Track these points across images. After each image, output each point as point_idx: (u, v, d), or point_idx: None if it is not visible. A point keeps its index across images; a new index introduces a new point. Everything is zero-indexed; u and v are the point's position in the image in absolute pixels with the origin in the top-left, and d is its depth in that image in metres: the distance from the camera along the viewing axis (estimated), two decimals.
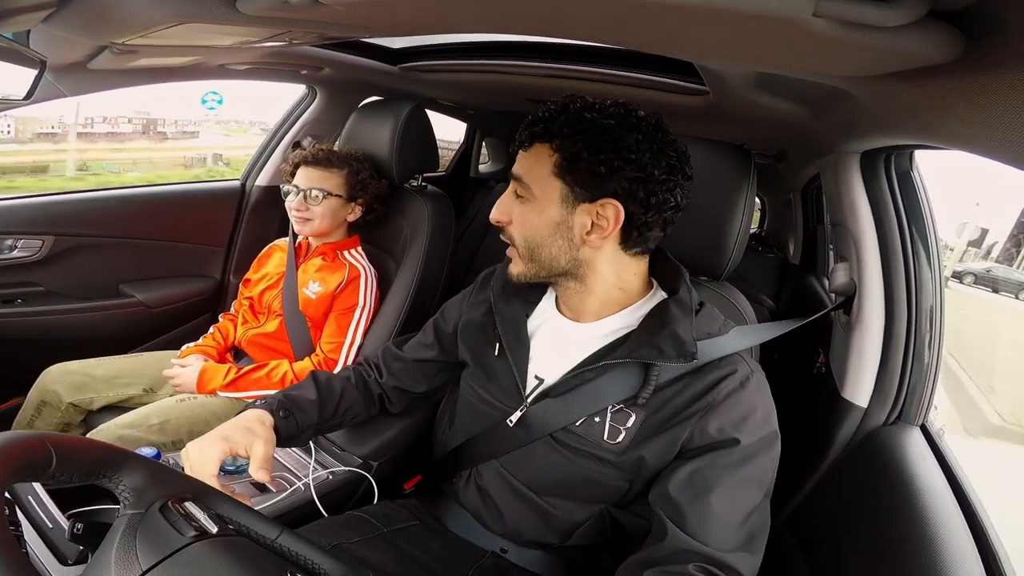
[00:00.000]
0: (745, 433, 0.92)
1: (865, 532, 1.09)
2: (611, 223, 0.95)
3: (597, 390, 0.99)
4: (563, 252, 0.99)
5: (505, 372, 1.10)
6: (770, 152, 2.30)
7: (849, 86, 0.86)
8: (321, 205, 1.73)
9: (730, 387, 0.95)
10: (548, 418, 1.02)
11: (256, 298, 1.85)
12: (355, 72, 2.04)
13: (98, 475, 0.64)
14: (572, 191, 0.95)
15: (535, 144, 0.98)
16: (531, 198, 0.98)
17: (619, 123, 0.93)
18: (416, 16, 1.02)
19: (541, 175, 0.96)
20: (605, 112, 0.94)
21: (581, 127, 0.93)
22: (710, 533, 0.87)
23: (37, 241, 1.90)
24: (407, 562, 1.07)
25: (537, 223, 0.98)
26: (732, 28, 0.68)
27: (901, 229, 1.30)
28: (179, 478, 0.72)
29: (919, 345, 1.26)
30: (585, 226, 0.97)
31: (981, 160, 0.76)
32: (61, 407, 1.61)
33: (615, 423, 0.98)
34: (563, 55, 1.64)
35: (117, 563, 0.55)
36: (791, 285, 2.90)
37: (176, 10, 0.93)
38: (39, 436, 0.58)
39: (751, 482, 0.92)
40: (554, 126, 0.95)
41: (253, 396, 1.63)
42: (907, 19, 0.52)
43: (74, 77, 1.49)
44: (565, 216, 0.97)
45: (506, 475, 1.09)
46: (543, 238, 0.99)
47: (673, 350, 0.94)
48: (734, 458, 0.91)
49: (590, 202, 0.95)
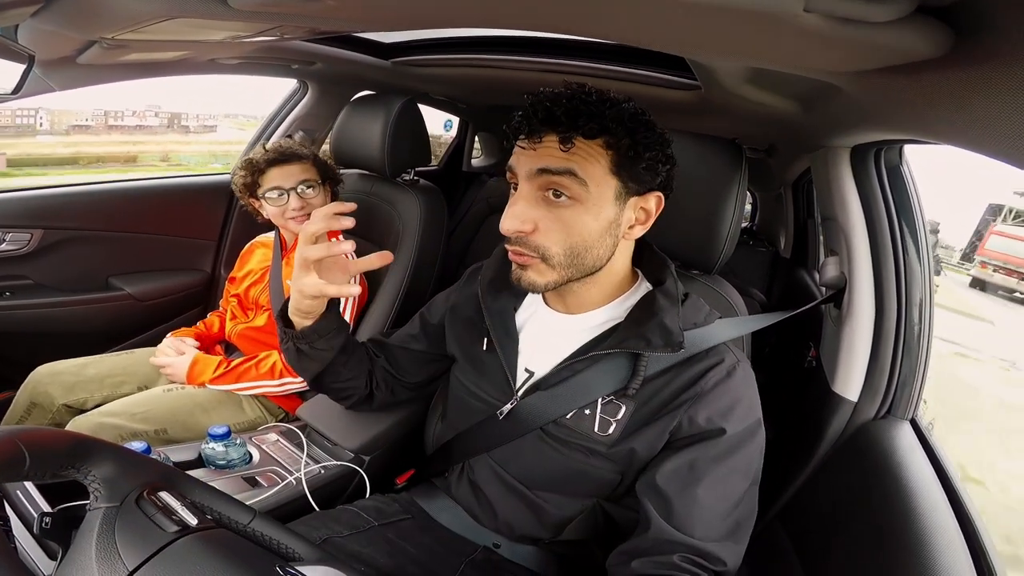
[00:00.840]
0: (731, 423, 0.93)
1: (855, 526, 1.10)
2: (652, 214, 0.96)
3: (587, 382, 0.99)
4: (608, 251, 0.96)
5: (495, 366, 1.09)
6: (761, 147, 2.31)
7: (839, 81, 0.87)
8: (317, 195, 1.72)
9: (717, 377, 0.96)
10: (539, 411, 1.02)
11: (243, 294, 1.85)
12: (347, 67, 2.03)
13: (68, 467, 0.63)
14: (626, 187, 0.92)
15: (574, 141, 0.88)
16: (584, 199, 0.90)
17: (646, 116, 0.93)
18: (407, 11, 1.02)
19: (598, 175, 0.90)
20: (631, 106, 0.92)
21: (625, 120, 0.89)
22: (695, 524, 0.88)
23: (26, 234, 1.89)
24: (398, 556, 1.07)
25: (592, 226, 0.91)
26: (723, 23, 0.68)
27: (891, 223, 1.30)
28: (150, 466, 0.70)
29: (909, 339, 1.27)
30: (630, 220, 0.96)
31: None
32: (52, 408, 1.60)
33: (605, 415, 0.99)
34: (555, 50, 1.64)
35: (99, 561, 0.55)
36: (782, 279, 2.92)
37: (166, 5, 0.93)
38: (9, 434, 0.57)
39: (738, 472, 0.93)
40: (603, 121, 0.88)
41: (242, 388, 1.63)
42: (896, 14, 0.52)
43: (63, 71, 1.48)
44: (618, 214, 0.93)
45: (497, 469, 1.09)
46: (594, 241, 0.93)
47: (661, 339, 0.94)
48: (721, 448, 0.92)
49: (639, 195, 0.94)
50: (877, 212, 1.31)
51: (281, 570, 0.61)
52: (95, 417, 1.45)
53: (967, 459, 4.64)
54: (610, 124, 0.88)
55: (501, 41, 1.73)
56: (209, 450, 1.22)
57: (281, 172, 1.69)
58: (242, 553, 0.61)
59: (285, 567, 0.62)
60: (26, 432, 0.59)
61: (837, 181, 1.36)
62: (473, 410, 1.13)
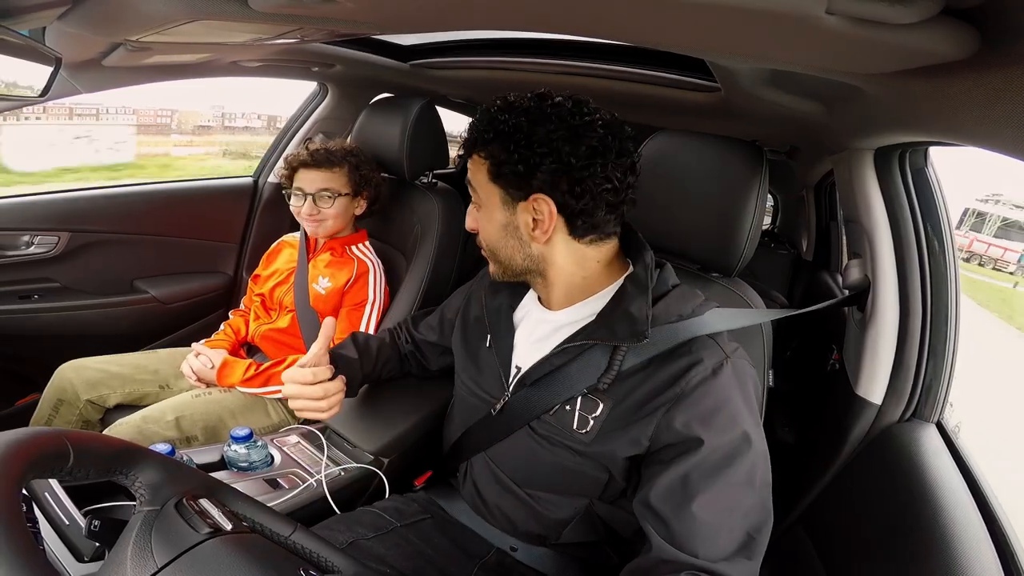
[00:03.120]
0: (712, 431, 0.87)
1: (879, 530, 1.09)
2: (548, 217, 0.95)
3: (567, 376, 0.99)
4: (517, 251, 1.01)
5: (491, 363, 1.12)
6: (782, 149, 2.29)
7: (862, 83, 0.86)
8: (332, 206, 1.73)
9: (700, 375, 0.90)
10: (526, 406, 1.03)
11: (267, 294, 1.86)
12: (366, 69, 2.04)
13: (115, 471, 0.65)
14: (507, 193, 0.97)
15: (472, 155, 1.00)
16: (480, 204, 1.02)
17: (530, 118, 0.92)
18: (427, 12, 1.02)
19: (482, 183, 1.00)
20: (519, 109, 0.94)
21: (497, 130, 0.94)
22: (698, 543, 0.83)
23: (53, 237, 1.93)
24: (417, 558, 1.07)
25: (490, 228, 1.02)
26: (745, 25, 0.68)
27: (916, 226, 1.28)
28: (195, 476, 0.72)
29: (934, 341, 1.25)
30: (528, 224, 0.97)
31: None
32: (79, 404, 1.62)
33: (584, 412, 0.98)
34: (573, 52, 1.63)
35: (133, 559, 0.56)
36: (804, 281, 2.89)
37: (189, 7, 0.94)
38: (58, 432, 0.59)
39: (737, 483, 0.86)
40: (478, 135, 0.97)
41: (270, 392, 1.64)
42: (920, 16, 0.51)
43: (89, 74, 1.51)
44: (509, 218, 0.99)
45: (491, 466, 1.11)
46: (497, 240, 1.02)
47: (626, 329, 0.92)
48: (713, 460, 0.86)
49: (524, 200, 0.96)
50: (901, 214, 1.29)
51: (304, 573, 0.61)
52: (131, 425, 1.47)
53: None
54: (483, 136, 0.96)
55: (520, 43, 1.73)
56: (232, 452, 1.23)
57: (307, 175, 1.73)
58: (268, 556, 0.62)
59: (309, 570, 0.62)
60: (74, 433, 0.61)
61: (860, 183, 1.35)
62: (473, 408, 1.15)
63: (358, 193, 1.79)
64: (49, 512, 0.86)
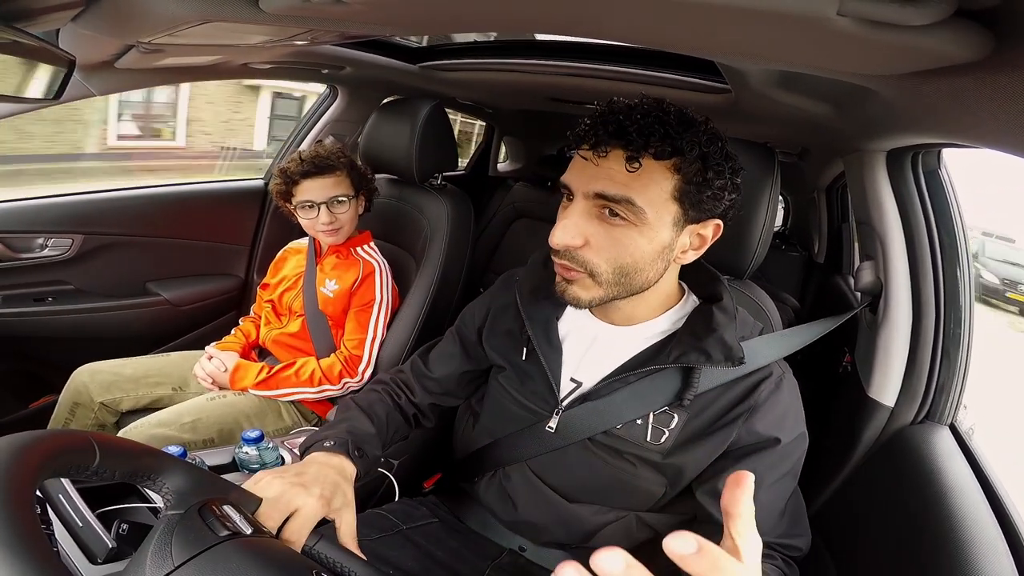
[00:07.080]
0: (784, 432, 0.97)
1: (892, 532, 1.08)
2: (708, 241, 0.95)
3: (640, 393, 0.99)
4: (658, 274, 0.94)
5: (538, 375, 1.07)
6: (793, 150, 2.28)
7: (874, 84, 0.85)
8: (347, 211, 1.72)
9: (768, 389, 0.99)
10: (588, 422, 1.02)
11: (277, 300, 1.87)
12: (376, 71, 2.04)
13: (141, 476, 0.66)
14: (685, 214, 0.89)
15: (644, 160, 0.84)
16: (640, 222, 0.87)
17: (722, 139, 0.88)
18: (437, 14, 1.02)
19: (658, 198, 0.86)
20: (708, 128, 0.87)
21: (706, 144, 0.85)
22: (763, 524, 0.85)
23: (67, 240, 1.94)
24: (425, 559, 1.07)
25: (645, 249, 0.89)
26: (755, 27, 0.68)
27: (929, 228, 1.28)
28: (220, 483, 0.74)
29: (948, 343, 1.24)
30: (684, 245, 0.94)
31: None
32: (94, 407, 1.63)
33: (658, 424, 0.99)
34: (584, 54, 1.63)
35: (152, 558, 0.57)
36: (815, 284, 2.86)
37: (200, 9, 0.94)
38: (84, 433, 0.60)
39: (789, 475, 0.99)
40: (677, 142, 0.84)
41: (283, 395, 1.65)
42: (933, 18, 0.51)
43: (102, 76, 1.52)
44: (673, 239, 0.90)
45: (533, 478, 1.08)
46: (646, 263, 0.91)
47: (721, 355, 0.94)
48: (776, 455, 0.96)
49: (697, 223, 0.92)
50: (914, 216, 1.28)
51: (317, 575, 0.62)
52: (146, 428, 1.48)
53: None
54: (684, 146, 0.84)
55: (530, 45, 1.73)
56: (243, 454, 1.24)
57: (314, 184, 1.68)
58: (284, 560, 0.62)
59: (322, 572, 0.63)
60: (101, 434, 0.62)
61: (872, 185, 1.34)
62: (514, 417, 1.11)
63: (358, 192, 1.78)
64: (63, 514, 0.86)
